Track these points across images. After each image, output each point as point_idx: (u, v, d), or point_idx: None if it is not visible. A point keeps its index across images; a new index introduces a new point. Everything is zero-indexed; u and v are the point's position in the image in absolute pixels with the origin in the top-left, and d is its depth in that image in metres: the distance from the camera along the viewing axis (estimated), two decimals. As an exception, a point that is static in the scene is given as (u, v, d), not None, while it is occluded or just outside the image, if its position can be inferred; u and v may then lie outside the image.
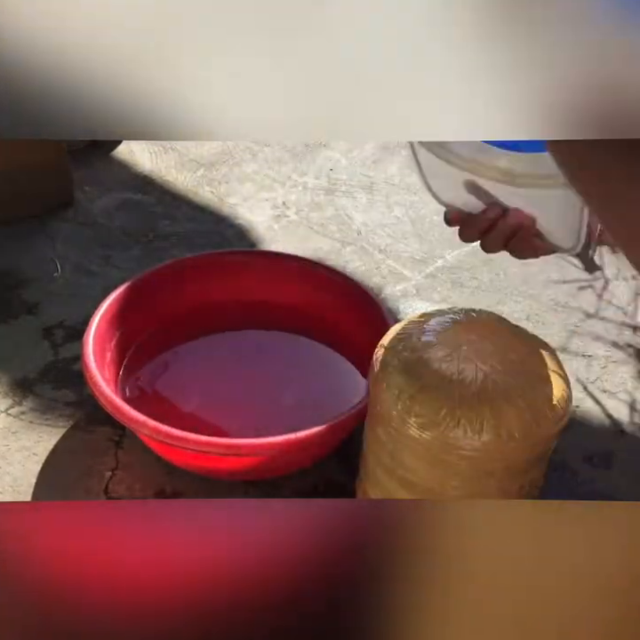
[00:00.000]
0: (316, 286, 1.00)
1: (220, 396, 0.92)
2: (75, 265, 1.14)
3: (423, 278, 1.16)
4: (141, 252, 1.17)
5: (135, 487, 0.83)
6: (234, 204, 1.30)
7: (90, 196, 1.29)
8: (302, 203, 1.31)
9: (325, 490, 0.85)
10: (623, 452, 0.86)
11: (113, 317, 0.90)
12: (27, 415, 0.90)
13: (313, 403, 0.91)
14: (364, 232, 1.25)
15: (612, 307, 1.13)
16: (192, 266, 1.00)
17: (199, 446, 0.75)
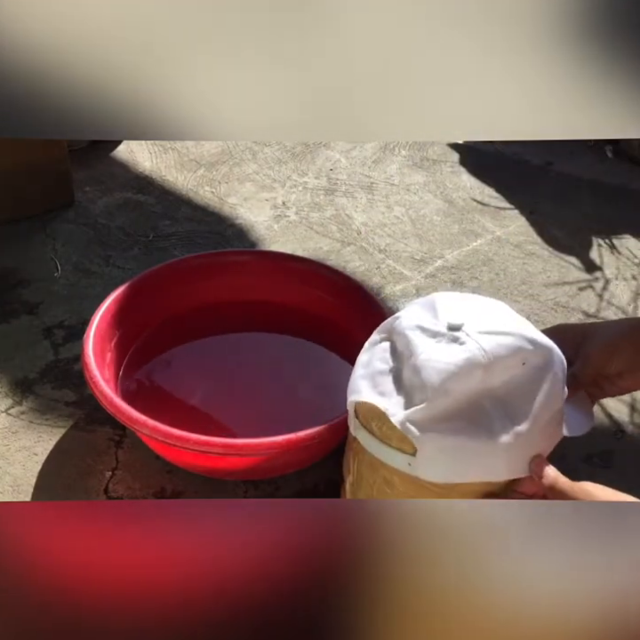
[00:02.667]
0: (316, 286, 1.00)
1: (220, 395, 0.92)
2: (75, 265, 1.14)
3: (423, 278, 1.16)
4: (141, 252, 1.17)
5: (135, 487, 0.83)
6: (234, 204, 1.30)
7: (90, 196, 1.29)
8: (302, 203, 1.31)
9: (325, 490, 0.85)
10: (623, 451, 0.86)
11: (113, 317, 0.90)
12: (27, 415, 0.90)
13: (312, 403, 0.91)
14: (363, 232, 1.25)
15: (612, 307, 1.13)
16: (192, 266, 1.00)
17: (199, 446, 0.75)
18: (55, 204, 1.24)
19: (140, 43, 0.26)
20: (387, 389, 0.64)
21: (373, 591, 0.36)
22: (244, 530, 0.36)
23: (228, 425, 0.87)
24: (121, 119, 0.27)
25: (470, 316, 0.64)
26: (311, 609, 0.37)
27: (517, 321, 0.65)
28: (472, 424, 0.60)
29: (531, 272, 1.18)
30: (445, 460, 0.61)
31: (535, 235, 1.26)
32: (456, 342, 0.62)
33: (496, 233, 1.26)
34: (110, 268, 1.14)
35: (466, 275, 1.17)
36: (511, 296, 1.13)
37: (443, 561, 0.36)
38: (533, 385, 0.62)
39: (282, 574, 0.36)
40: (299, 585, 0.37)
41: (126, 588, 0.36)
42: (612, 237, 1.27)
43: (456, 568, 0.36)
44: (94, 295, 1.07)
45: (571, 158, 1.47)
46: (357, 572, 0.36)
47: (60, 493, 0.82)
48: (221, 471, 0.84)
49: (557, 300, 1.13)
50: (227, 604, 0.36)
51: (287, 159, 1.42)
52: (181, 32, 0.26)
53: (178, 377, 0.94)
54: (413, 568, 0.36)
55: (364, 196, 1.34)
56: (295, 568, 0.36)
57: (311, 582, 0.37)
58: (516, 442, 0.60)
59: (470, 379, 0.60)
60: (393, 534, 0.36)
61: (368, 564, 0.36)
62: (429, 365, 0.61)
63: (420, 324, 0.64)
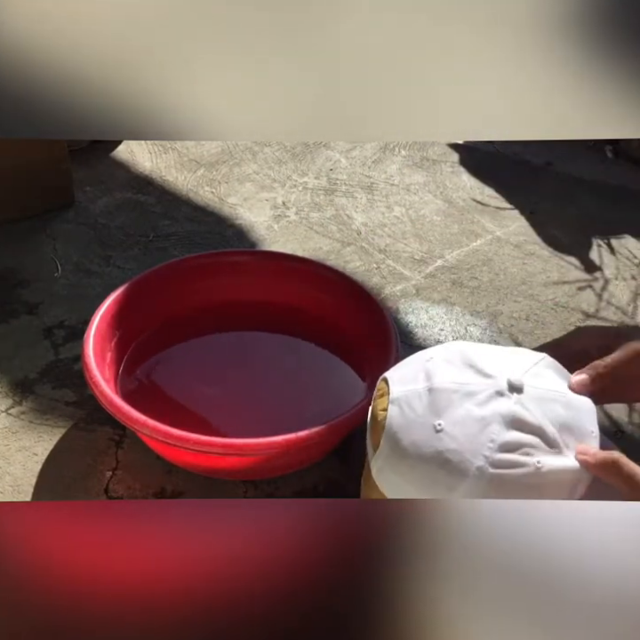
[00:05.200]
0: (315, 286, 1.00)
1: (220, 395, 0.92)
2: (75, 265, 1.14)
3: (423, 278, 1.16)
4: (141, 252, 1.17)
5: (135, 487, 0.83)
6: (234, 204, 1.30)
7: (90, 196, 1.29)
8: (302, 203, 1.31)
9: (325, 490, 0.85)
10: (623, 452, 0.86)
11: (113, 317, 0.90)
12: (27, 415, 0.90)
13: (312, 403, 0.91)
14: (363, 232, 1.25)
15: (612, 307, 1.13)
16: (192, 266, 1.00)
17: (199, 446, 0.75)
18: (55, 204, 1.24)
19: (140, 42, 0.26)
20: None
21: (374, 591, 0.36)
22: (244, 530, 0.36)
23: (228, 425, 0.87)
24: (121, 119, 0.27)
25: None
26: (311, 609, 0.37)
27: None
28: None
29: (530, 272, 1.18)
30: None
31: (535, 235, 1.26)
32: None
33: (496, 233, 1.26)
34: (110, 268, 1.14)
35: (466, 275, 1.17)
36: (511, 296, 1.13)
37: (443, 560, 0.36)
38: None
39: (282, 574, 0.36)
40: (298, 585, 0.37)
41: (126, 587, 0.36)
42: (612, 237, 1.27)
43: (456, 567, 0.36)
44: (94, 295, 1.07)
45: (571, 158, 1.47)
46: (358, 572, 0.36)
47: (60, 493, 0.82)
48: (221, 471, 0.84)
49: (557, 299, 1.13)
50: (226, 604, 0.36)
51: (287, 159, 1.42)
52: (181, 32, 0.26)
53: (178, 377, 0.94)
54: (414, 567, 0.36)
55: (363, 196, 1.34)
56: (295, 568, 0.36)
57: (311, 582, 0.37)
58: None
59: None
60: (393, 534, 0.36)
61: (368, 563, 0.36)
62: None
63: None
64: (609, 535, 0.36)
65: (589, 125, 0.29)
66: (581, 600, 0.36)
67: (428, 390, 0.63)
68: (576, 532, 0.36)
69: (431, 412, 0.62)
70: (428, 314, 1.09)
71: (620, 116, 0.29)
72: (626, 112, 0.29)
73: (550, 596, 0.36)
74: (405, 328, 1.06)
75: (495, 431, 0.60)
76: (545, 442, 0.61)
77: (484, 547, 0.36)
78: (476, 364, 0.64)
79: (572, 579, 0.36)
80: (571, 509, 0.38)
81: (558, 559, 0.36)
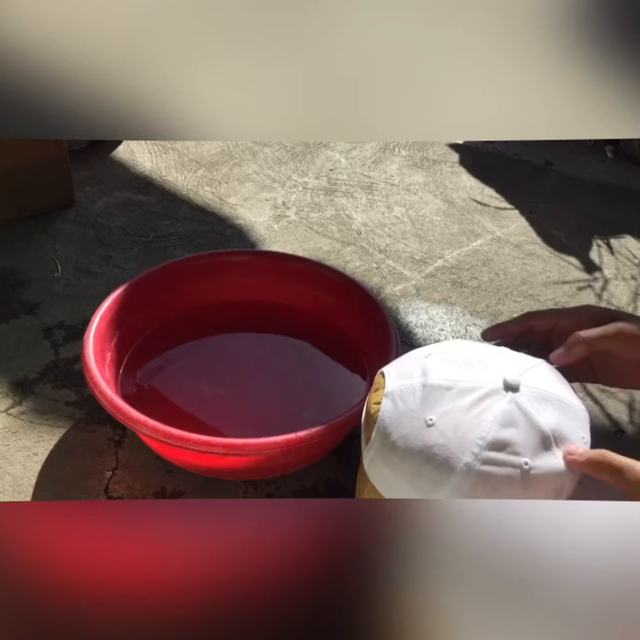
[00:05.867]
0: (315, 287, 1.00)
1: (221, 395, 0.92)
2: (75, 265, 1.14)
3: (423, 278, 1.16)
4: (141, 252, 1.17)
5: (135, 487, 0.83)
6: (234, 204, 1.30)
7: (90, 196, 1.29)
8: (302, 203, 1.31)
9: (325, 490, 0.85)
10: (623, 452, 0.86)
11: (113, 317, 0.90)
12: (27, 415, 0.90)
13: (312, 403, 0.91)
14: (363, 232, 1.25)
15: (612, 307, 1.13)
16: (192, 266, 1.00)
17: (199, 446, 0.75)
18: (55, 204, 1.24)
19: (140, 42, 0.26)
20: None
21: (374, 591, 0.36)
22: (244, 530, 0.36)
23: (228, 425, 0.87)
24: (121, 119, 0.27)
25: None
26: (311, 609, 0.37)
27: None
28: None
29: (530, 272, 1.18)
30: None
31: (535, 235, 1.26)
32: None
33: (496, 233, 1.26)
34: (110, 268, 1.14)
35: (466, 275, 1.17)
36: (511, 296, 1.13)
37: (443, 561, 0.36)
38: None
39: (282, 574, 0.36)
40: (298, 585, 0.37)
41: (126, 587, 0.36)
42: (612, 237, 1.27)
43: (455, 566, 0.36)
44: (94, 295, 1.07)
45: (571, 158, 1.48)
46: (358, 572, 0.36)
47: (60, 493, 0.82)
48: (221, 471, 0.84)
49: (557, 299, 1.13)
50: (227, 605, 0.36)
51: (287, 159, 1.42)
52: (182, 32, 0.26)
53: (178, 377, 0.94)
54: (415, 567, 0.36)
55: (363, 196, 1.34)
56: (295, 568, 0.36)
57: (311, 582, 0.37)
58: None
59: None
60: (393, 533, 0.36)
61: (369, 563, 0.36)
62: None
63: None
64: (594, 534, 0.36)
65: (589, 125, 0.29)
66: (567, 598, 0.36)
67: (423, 385, 0.63)
68: (563, 532, 0.36)
69: (423, 406, 0.62)
70: (427, 314, 1.09)
71: (620, 116, 0.29)
72: (626, 112, 0.29)
73: (539, 594, 0.36)
74: (405, 328, 1.06)
75: (486, 429, 0.60)
76: (535, 443, 0.61)
77: (473, 546, 0.36)
78: (474, 362, 0.64)
79: (558, 578, 0.36)
80: (558, 509, 0.38)
81: (546, 558, 0.36)
